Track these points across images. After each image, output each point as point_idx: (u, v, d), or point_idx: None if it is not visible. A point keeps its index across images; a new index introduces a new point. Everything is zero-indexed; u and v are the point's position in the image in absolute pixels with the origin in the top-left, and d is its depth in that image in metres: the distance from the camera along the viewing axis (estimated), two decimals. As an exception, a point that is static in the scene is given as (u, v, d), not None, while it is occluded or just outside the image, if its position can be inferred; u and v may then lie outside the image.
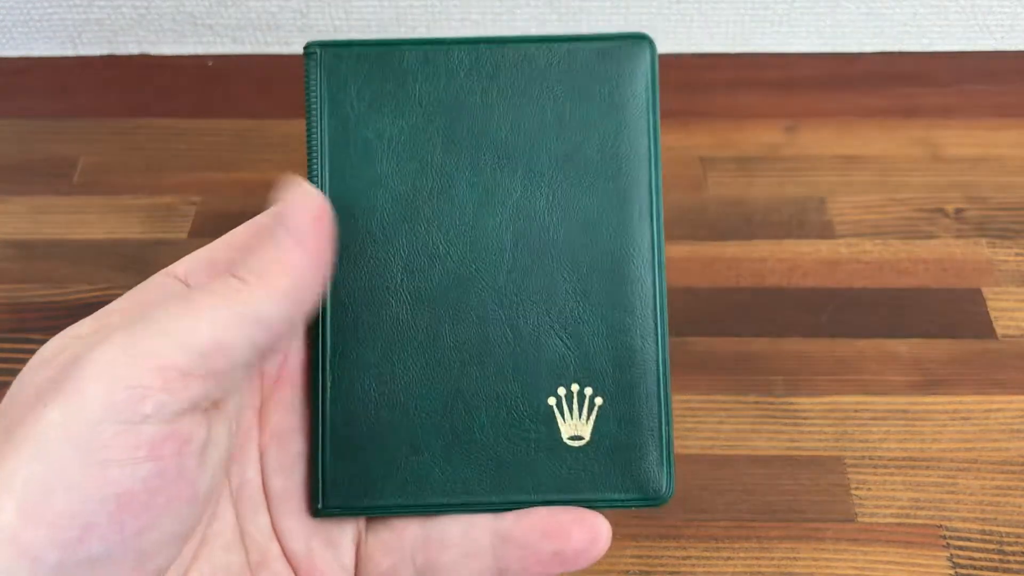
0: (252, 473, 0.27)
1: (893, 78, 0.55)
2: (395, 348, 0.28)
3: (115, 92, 0.55)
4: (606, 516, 0.27)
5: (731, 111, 0.53)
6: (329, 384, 0.28)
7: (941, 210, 0.49)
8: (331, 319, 0.28)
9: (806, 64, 0.56)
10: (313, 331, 0.28)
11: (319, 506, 0.27)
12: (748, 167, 0.50)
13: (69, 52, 0.58)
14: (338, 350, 0.28)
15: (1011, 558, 0.37)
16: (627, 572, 0.37)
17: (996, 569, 0.37)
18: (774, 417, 0.41)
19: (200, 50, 0.57)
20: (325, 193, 0.28)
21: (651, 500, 0.28)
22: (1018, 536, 0.38)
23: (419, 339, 0.28)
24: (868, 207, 0.49)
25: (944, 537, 0.38)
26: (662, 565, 0.37)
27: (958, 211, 0.48)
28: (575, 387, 0.28)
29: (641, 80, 0.29)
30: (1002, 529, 0.38)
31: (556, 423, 0.28)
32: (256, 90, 0.55)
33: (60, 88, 0.56)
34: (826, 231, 0.48)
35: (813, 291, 0.46)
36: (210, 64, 0.57)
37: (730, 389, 0.42)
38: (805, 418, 0.41)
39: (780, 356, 0.43)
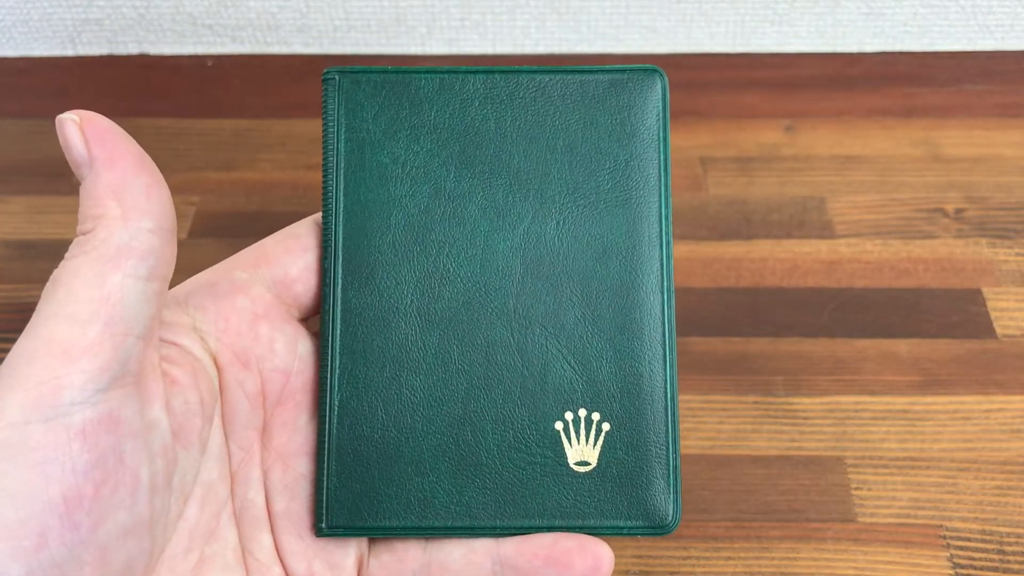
0: (255, 494, 0.27)
1: (893, 78, 0.55)
2: (403, 370, 0.28)
3: (115, 92, 0.55)
4: (610, 543, 0.27)
5: (731, 111, 0.53)
6: (336, 404, 0.28)
7: (941, 210, 0.49)
8: (340, 339, 0.28)
9: (806, 64, 0.56)
10: (322, 351, 0.28)
11: (322, 525, 0.27)
12: (748, 167, 0.50)
13: (68, 52, 0.58)
14: (347, 371, 0.28)
15: (1011, 558, 0.37)
16: (627, 572, 0.37)
17: (996, 569, 0.37)
18: (774, 417, 0.41)
19: (200, 50, 0.57)
20: (339, 214, 0.28)
21: (657, 529, 0.28)
22: (1018, 536, 0.38)
23: (427, 361, 0.28)
24: (868, 207, 0.49)
25: (944, 537, 0.38)
26: (662, 565, 0.37)
27: (958, 211, 0.48)
28: (582, 412, 0.28)
29: (652, 111, 0.29)
30: (1002, 529, 0.38)
31: (563, 448, 0.28)
32: (256, 90, 0.55)
33: (60, 88, 0.56)
34: (826, 231, 0.48)
35: (813, 291, 0.45)
36: (210, 64, 0.57)
37: (730, 389, 0.42)
38: (805, 418, 0.41)
39: (780, 356, 0.43)
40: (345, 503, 0.27)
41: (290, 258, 0.29)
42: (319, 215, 0.30)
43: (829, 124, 0.52)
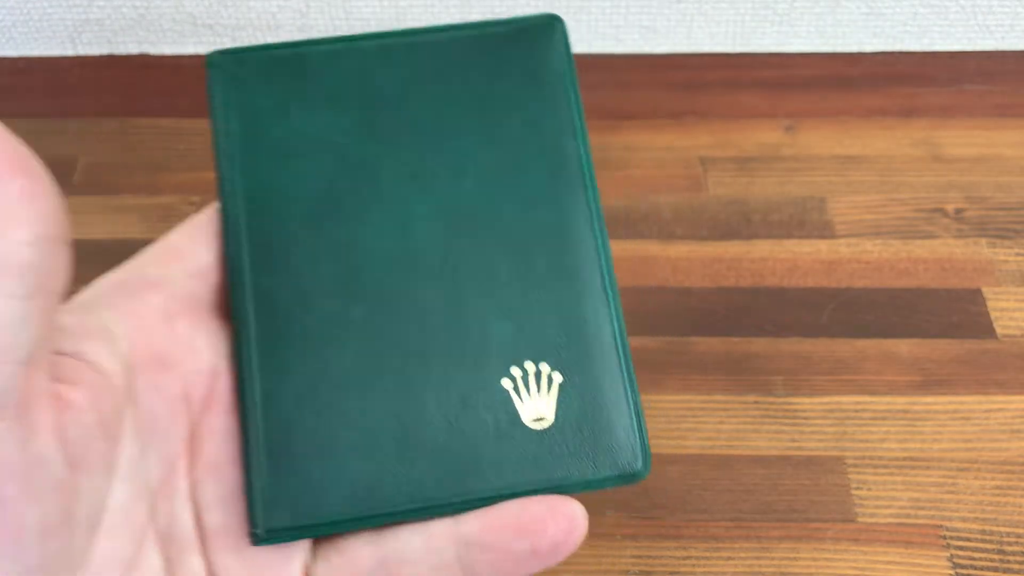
0: (181, 511, 0.24)
1: (893, 78, 0.55)
2: (330, 348, 0.26)
3: (115, 92, 0.55)
4: (587, 504, 0.26)
5: (731, 111, 0.53)
6: (259, 394, 0.25)
7: (941, 210, 0.49)
8: (256, 326, 0.26)
9: (806, 64, 0.56)
10: (237, 341, 0.26)
11: (258, 531, 0.25)
12: (748, 167, 0.50)
13: (68, 52, 0.58)
14: (268, 358, 0.26)
15: (1011, 558, 0.37)
16: (627, 572, 0.37)
17: (996, 569, 0.37)
18: (774, 417, 0.41)
19: (200, 50, 0.57)
20: (240, 196, 0.27)
21: (627, 477, 0.26)
22: (1018, 536, 0.38)
23: (356, 337, 0.26)
24: (868, 207, 0.49)
25: (944, 537, 0.38)
26: (662, 565, 0.37)
27: (958, 211, 0.48)
28: (530, 366, 0.26)
29: (556, 55, 0.28)
30: (1002, 529, 0.38)
31: (515, 406, 0.26)
32: (256, 90, 0.55)
33: (60, 88, 0.56)
34: (826, 231, 0.48)
35: (813, 291, 0.45)
36: (210, 64, 0.57)
37: (730, 389, 0.42)
38: (805, 418, 0.41)
39: (780, 356, 0.43)
40: (282, 502, 0.25)
41: (201, 247, 0.26)
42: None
43: (829, 124, 0.52)
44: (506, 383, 0.26)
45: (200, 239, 0.27)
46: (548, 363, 0.26)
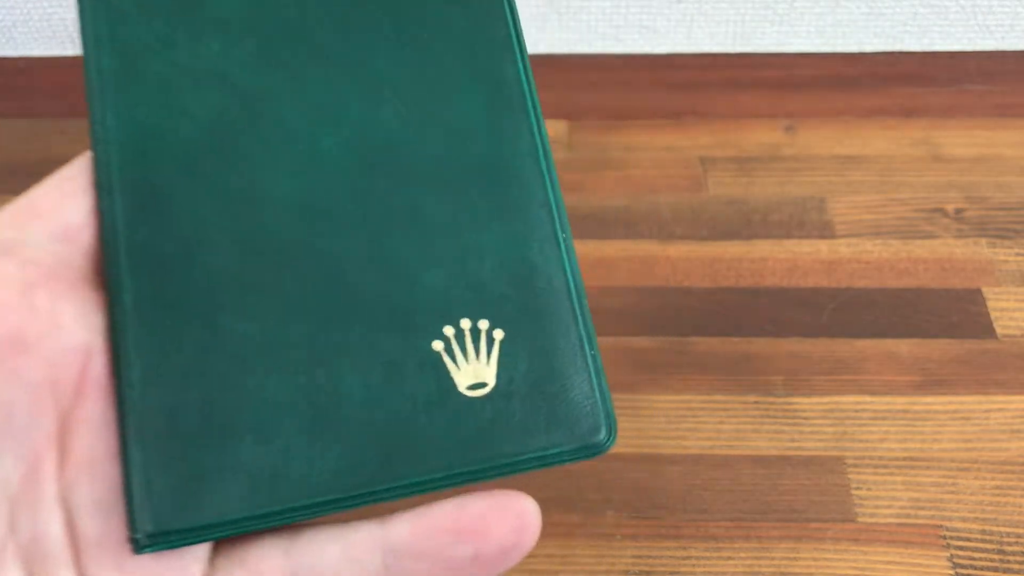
0: (49, 519, 0.20)
1: (893, 78, 0.55)
2: (223, 313, 0.22)
3: (115, 92, 0.55)
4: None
5: (731, 111, 0.53)
6: (138, 373, 0.21)
7: (941, 210, 0.49)
8: (131, 289, 0.22)
9: (806, 64, 0.56)
10: (110, 308, 0.22)
11: (139, 536, 0.20)
12: (748, 167, 0.50)
13: (69, 52, 0.58)
14: (146, 326, 0.21)
15: (1011, 558, 0.37)
16: (627, 572, 0.37)
17: (996, 569, 0.37)
18: (774, 417, 0.41)
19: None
20: (113, 138, 0.23)
21: (589, 448, 0.22)
22: (1018, 536, 0.38)
23: (254, 299, 0.22)
24: (868, 207, 0.49)
25: (944, 537, 0.38)
26: (662, 565, 0.37)
27: (958, 211, 0.48)
28: (466, 323, 0.22)
29: None
30: (1002, 529, 0.38)
31: (448, 372, 0.22)
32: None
33: (60, 88, 0.56)
34: (826, 231, 0.48)
35: (813, 291, 0.45)
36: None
37: (730, 389, 0.42)
38: (805, 418, 0.41)
39: (780, 356, 0.43)
40: (166, 499, 0.20)
41: (70, 203, 0.23)
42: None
43: (829, 124, 0.52)
44: (438, 345, 0.22)
45: (68, 194, 0.23)
46: (488, 319, 0.22)
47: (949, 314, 0.45)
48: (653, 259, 0.47)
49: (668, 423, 0.41)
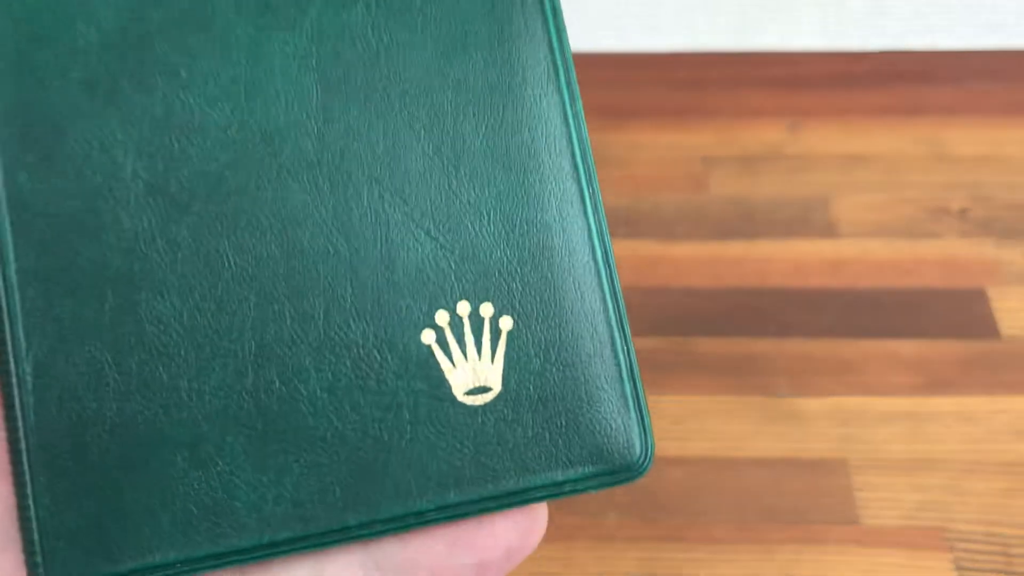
0: None
1: (898, 76, 0.55)
2: (140, 291, 0.17)
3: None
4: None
5: (734, 109, 0.53)
6: (29, 370, 0.16)
7: (946, 210, 0.48)
8: (16, 259, 0.17)
9: (810, 62, 0.56)
10: None
11: None
12: (751, 166, 0.50)
13: None
14: (37, 309, 0.16)
15: (1016, 560, 0.37)
16: (629, 575, 0.37)
17: (1001, 571, 0.37)
18: (777, 419, 0.41)
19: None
20: None
21: (619, 473, 0.17)
22: (1023, 538, 0.37)
23: (181, 270, 0.17)
24: (872, 207, 0.49)
25: (948, 540, 0.38)
26: (664, 568, 0.37)
27: (963, 211, 0.48)
28: (464, 307, 0.17)
29: None
30: (1007, 531, 0.38)
31: (441, 372, 0.17)
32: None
33: None
34: (830, 231, 0.47)
35: (817, 291, 0.45)
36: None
37: (733, 390, 0.42)
38: (808, 420, 0.41)
39: (783, 357, 0.43)
40: (73, 538, 0.16)
41: None
42: None
43: (833, 123, 0.52)
44: (428, 336, 0.17)
45: None
46: (491, 302, 0.17)
47: (954, 315, 0.44)
48: (655, 259, 0.47)
49: (670, 424, 0.41)
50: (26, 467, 0.16)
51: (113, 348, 0.17)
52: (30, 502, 0.16)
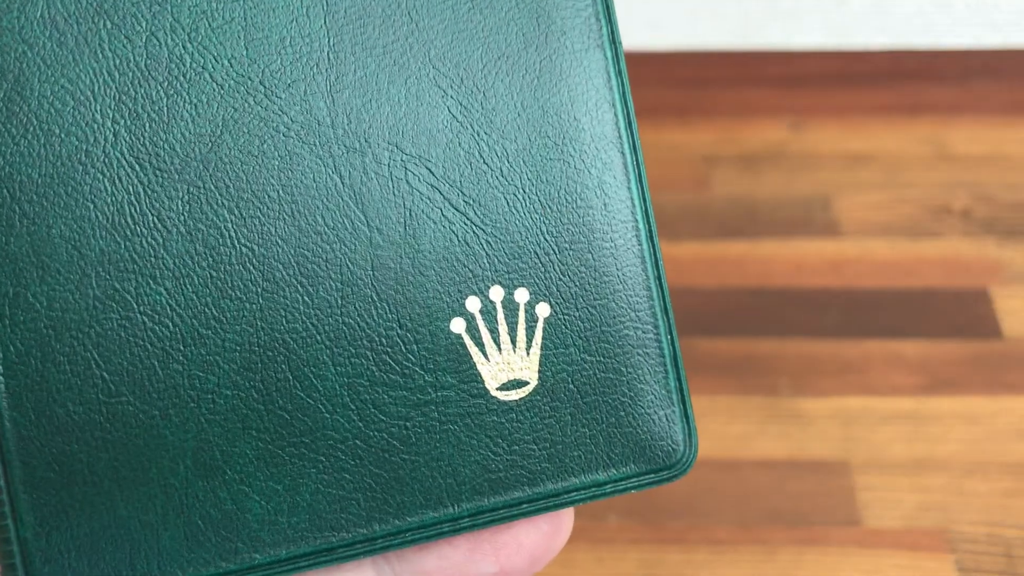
0: None
1: (900, 75, 0.55)
2: (127, 273, 0.15)
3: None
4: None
5: (736, 108, 0.53)
6: (2, 365, 0.15)
7: (948, 209, 0.48)
8: None
9: (812, 60, 0.56)
10: None
11: None
12: (753, 165, 0.50)
13: None
14: (8, 294, 0.15)
15: (1019, 561, 0.37)
16: (630, 576, 0.37)
17: (1003, 572, 0.37)
18: (779, 419, 0.41)
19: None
20: None
21: (663, 471, 0.16)
22: (1026, 540, 0.37)
23: (175, 249, 0.15)
24: (874, 206, 0.48)
25: (951, 541, 0.38)
26: (666, 570, 0.37)
27: (966, 210, 0.48)
28: (497, 292, 0.16)
29: None
30: (1009, 532, 0.38)
31: (472, 364, 0.16)
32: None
33: None
34: (832, 230, 0.47)
35: (819, 291, 0.45)
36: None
37: (735, 390, 0.42)
38: (811, 420, 0.41)
39: (785, 357, 0.43)
40: (63, 563, 0.14)
41: None
42: None
43: (835, 121, 0.52)
44: (457, 325, 0.16)
45: None
46: (529, 287, 0.16)
47: (956, 314, 0.44)
48: (657, 259, 0.46)
49: (672, 425, 0.41)
50: (3, 483, 0.15)
51: (99, 342, 0.15)
52: (9, 522, 0.14)
